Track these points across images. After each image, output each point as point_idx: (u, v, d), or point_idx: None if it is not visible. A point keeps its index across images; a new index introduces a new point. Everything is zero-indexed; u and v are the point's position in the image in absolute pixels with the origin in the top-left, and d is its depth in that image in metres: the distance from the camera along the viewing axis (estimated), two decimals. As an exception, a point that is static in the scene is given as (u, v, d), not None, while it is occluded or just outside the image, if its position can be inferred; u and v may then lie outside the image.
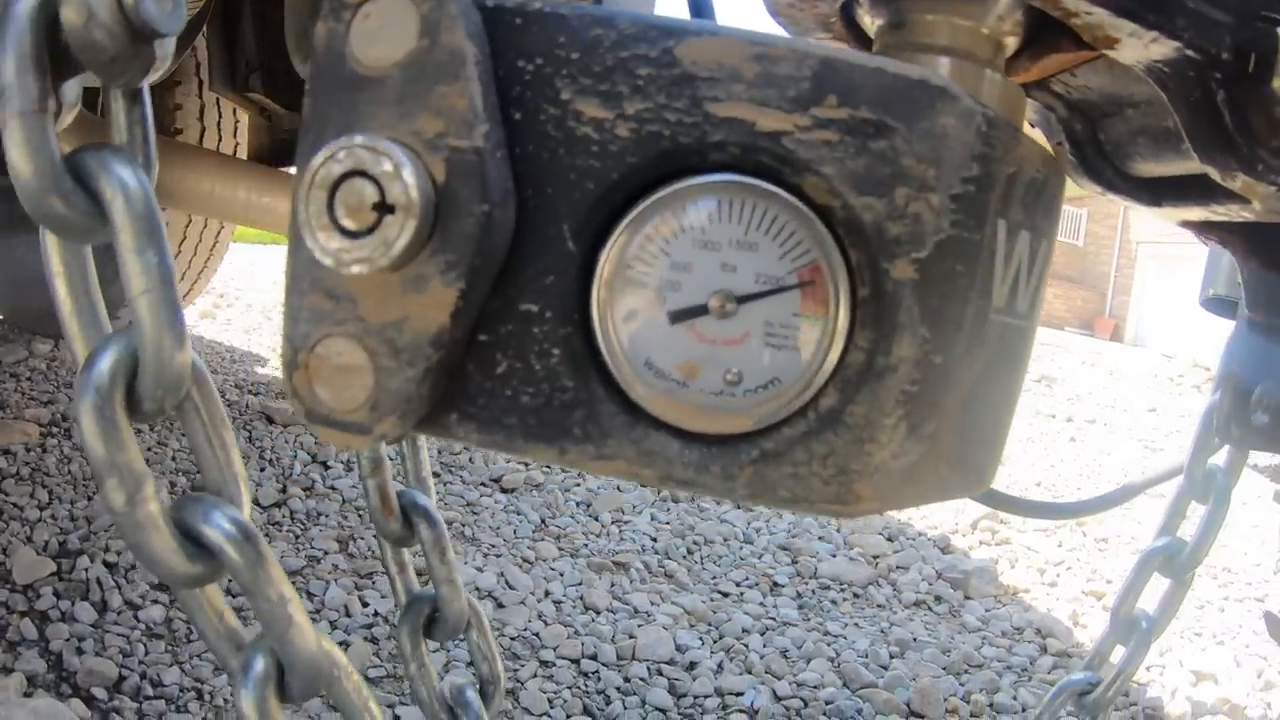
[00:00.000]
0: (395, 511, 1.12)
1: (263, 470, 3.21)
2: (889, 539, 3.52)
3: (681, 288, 0.60)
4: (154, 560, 0.64)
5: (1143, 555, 1.66)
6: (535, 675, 2.29)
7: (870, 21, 0.84)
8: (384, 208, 0.58)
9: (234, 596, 1.73)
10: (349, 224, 0.58)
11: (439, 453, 3.65)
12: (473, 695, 1.20)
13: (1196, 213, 1.07)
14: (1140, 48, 0.75)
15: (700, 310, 0.59)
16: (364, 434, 0.63)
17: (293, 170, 3.01)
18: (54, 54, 0.60)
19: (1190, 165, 0.93)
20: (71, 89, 0.64)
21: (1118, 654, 1.69)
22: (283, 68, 2.64)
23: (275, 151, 3.11)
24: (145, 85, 0.68)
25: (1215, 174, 0.83)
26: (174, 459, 3.14)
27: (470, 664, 2.11)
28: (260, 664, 0.69)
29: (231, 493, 0.71)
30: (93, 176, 0.62)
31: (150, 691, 1.99)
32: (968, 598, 3.12)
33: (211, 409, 0.70)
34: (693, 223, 0.59)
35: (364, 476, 1.10)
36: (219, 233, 4.17)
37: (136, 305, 0.63)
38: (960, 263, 0.60)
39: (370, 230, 0.58)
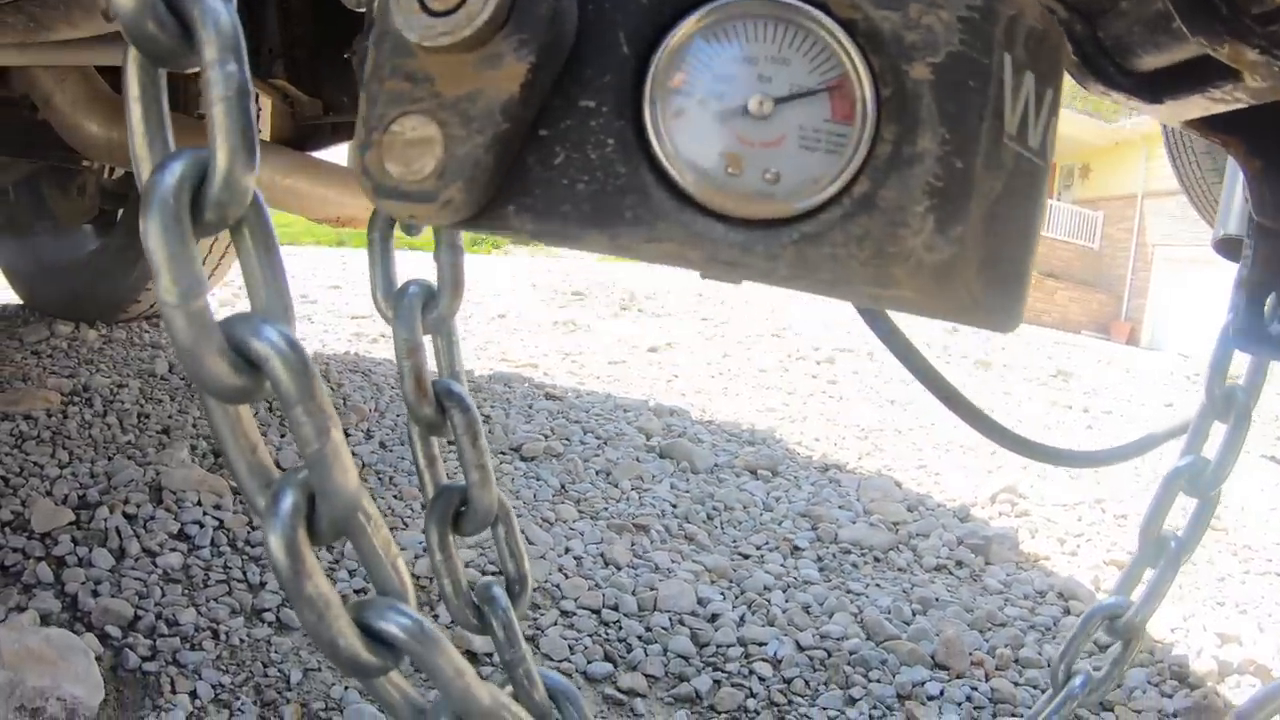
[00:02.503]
0: (429, 396, 1.11)
1: (283, 437, 3.22)
2: (909, 508, 3.51)
3: (723, 95, 0.66)
4: (199, 362, 0.64)
5: (1167, 474, 1.66)
6: (556, 623, 2.29)
7: None
8: None
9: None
10: (436, 5, 0.65)
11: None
12: (500, 592, 1.19)
13: (1196, 105, 1.11)
14: None
15: (741, 111, 0.66)
16: (429, 201, 0.68)
17: (315, 154, 3.04)
18: None
19: (1186, 49, 0.99)
20: None
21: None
22: (304, 55, 2.67)
23: (297, 136, 3.13)
24: None
25: (1205, 44, 0.90)
26: (195, 425, 3.14)
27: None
28: (290, 499, 0.68)
29: (279, 315, 0.71)
30: (185, 4, 0.65)
31: (165, 630, 1.99)
32: (989, 563, 3.11)
33: (266, 232, 0.71)
34: (732, 38, 0.66)
35: (400, 359, 1.10)
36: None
37: (212, 111, 0.65)
38: (972, 78, 0.66)
39: (455, 9, 0.65)
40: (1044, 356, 10.04)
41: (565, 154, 0.68)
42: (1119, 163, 24.13)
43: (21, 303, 4.76)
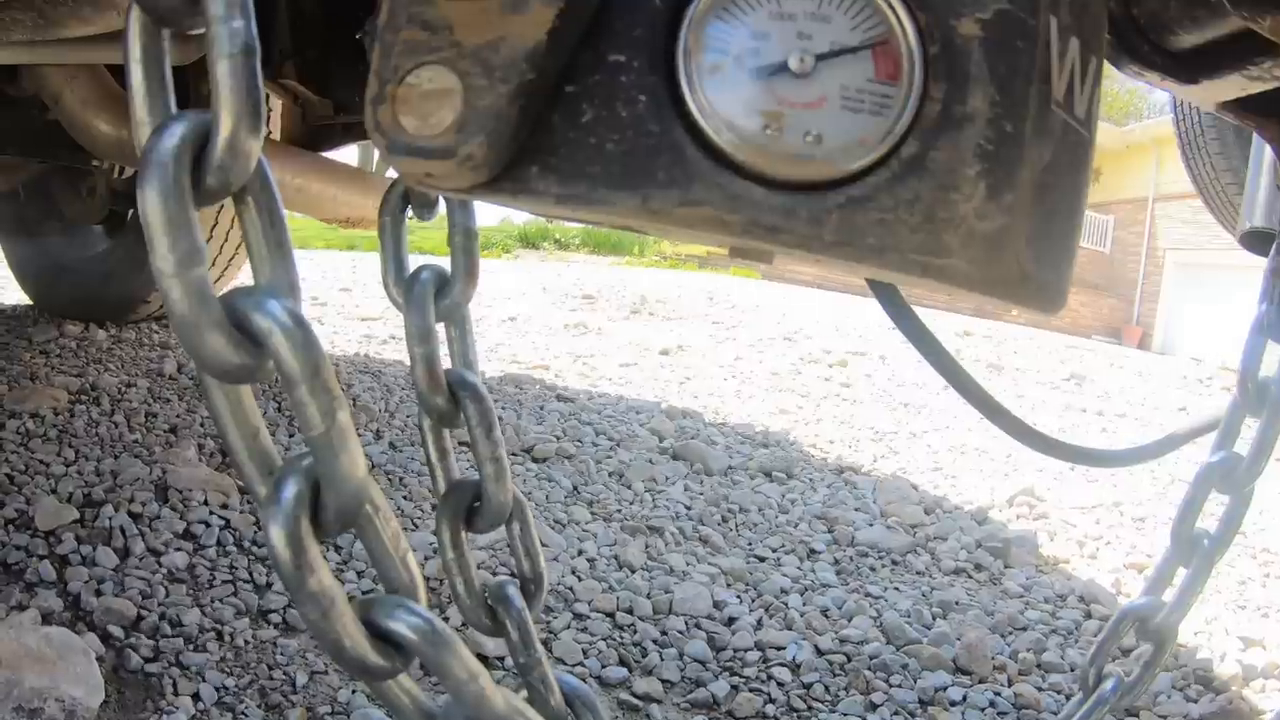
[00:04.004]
0: (442, 385, 1.07)
1: (291, 436, 3.18)
2: (926, 511, 3.46)
3: (761, 52, 0.62)
4: (196, 336, 0.60)
5: (1200, 471, 1.61)
6: (569, 626, 2.25)
7: None
8: None
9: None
10: None
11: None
12: (514, 592, 1.14)
13: (1233, 85, 1.09)
14: None
15: (781, 67, 0.61)
16: (447, 157, 0.63)
17: (326, 155, 3.01)
18: None
19: (1225, 25, 0.98)
20: None
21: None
22: (315, 55, 2.64)
23: (308, 137, 3.10)
24: None
25: (1247, 18, 0.87)
26: (202, 425, 3.10)
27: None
28: (293, 487, 0.63)
29: (285, 289, 0.67)
30: None
31: (168, 631, 1.94)
32: (1008, 566, 3.06)
33: (271, 202, 0.67)
34: None
35: (411, 346, 1.05)
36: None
37: (216, 70, 0.61)
38: (1019, 39, 0.63)
39: None
40: (1056, 360, 9.98)
41: (593, 111, 0.63)
42: (1130, 166, 24.06)
43: (30, 303, 4.74)
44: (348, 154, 3.26)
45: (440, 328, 1.11)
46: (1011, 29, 0.62)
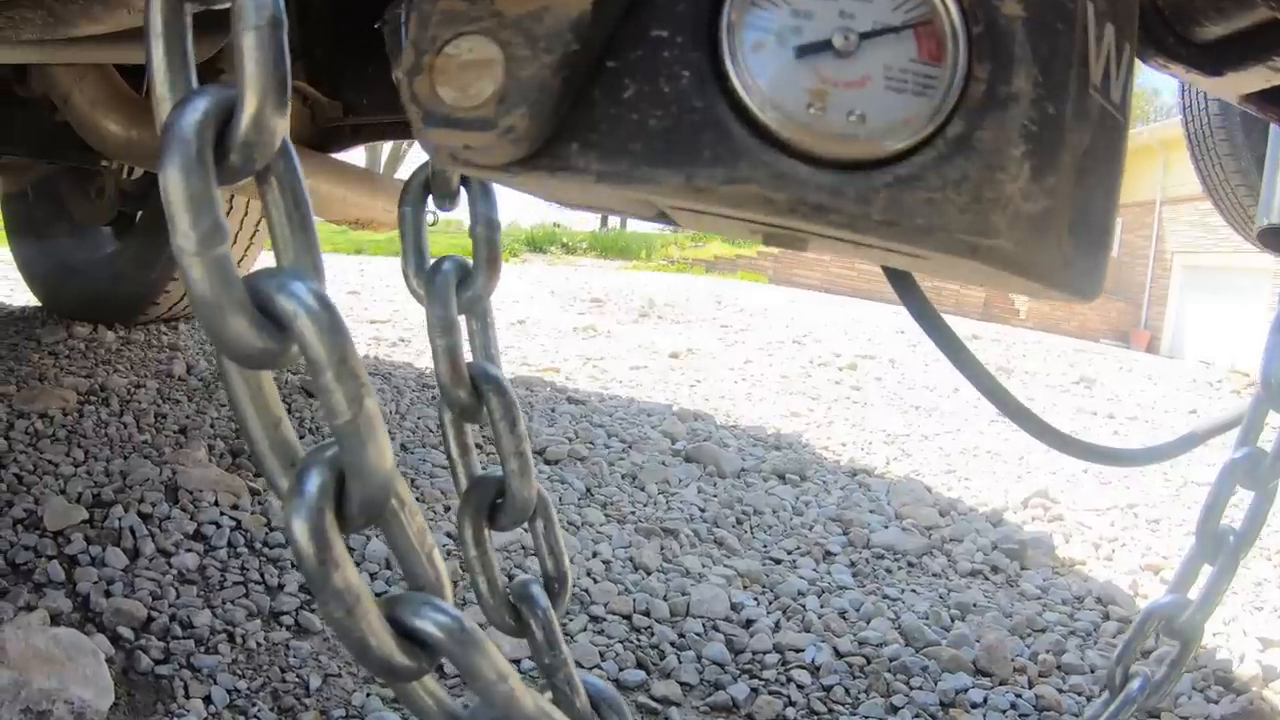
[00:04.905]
0: (464, 379, 1.04)
1: (302, 439, 3.15)
2: (940, 513, 3.44)
3: (804, 31, 0.61)
4: (217, 318, 0.57)
5: (1224, 467, 1.59)
6: (585, 629, 2.22)
7: None
8: None
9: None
10: None
11: (480, 427, 3.60)
12: (539, 591, 1.11)
13: (1258, 77, 1.08)
14: None
15: (824, 45, 0.60)
16: (487, 129, 0.61)
17: (336, 156, 2.99)
18: None
19: (1252, 15, 0.97)
20: None
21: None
22: (324, 56, 2.63)
23: (317, 138, 3.08)
24: None
25: (1273, 4, 0.88)
26: (212, 426, 3.08)
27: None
28: (317, 478, 0.60)
29: (309, 271, 0.65)
30: None
31: (179, 632, 1.92)
32: (1024, 568, 3.03)
33: (295, 181, 0.65)
34: None
35: (434, 338, 1.03)
36: (260, 222, 4.13)
37: (242, 42, 0.58)
38: (1060, 21, 0.62)
39: None
40: (1065, 364, 9.94)
41: (635, 87, 0.62)
42: (1137, 169, 23.99)
43: (40, 304, 4.72)
44: (355, 155, 3.25)
45: (461, 320, 1.08)
46: (1052, 11, 0.62)
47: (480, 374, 1.05)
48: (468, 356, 1.07)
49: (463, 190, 1.10)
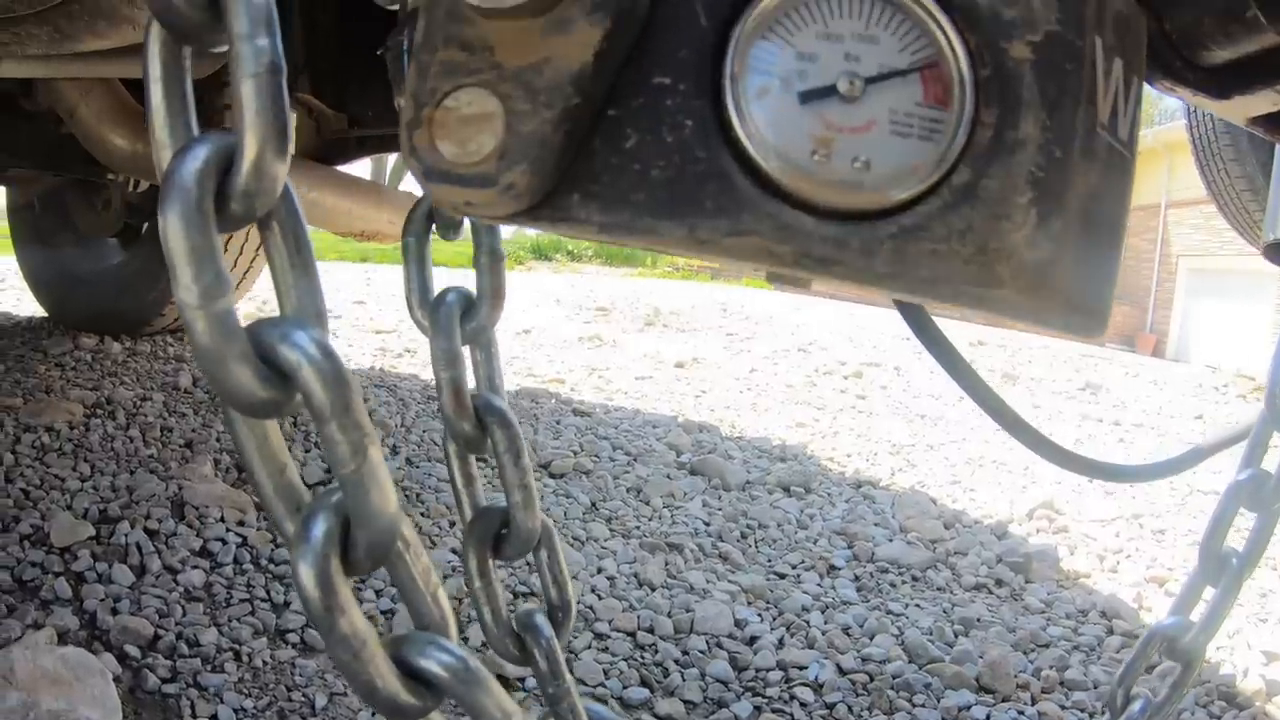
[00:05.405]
0: (469, 411, 1.05)
1: (308, 451, 3.16)
2: (945, 525, 3.44)
3: (808, 75, 0.60)
4: (221, 368, 0.57)
5: (1228, 489, 1.59)
6: (590, 646, 2.23)
7: None
8: None
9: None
10: None
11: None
12: (543, 621, 1.12)
13: (1265, 100, 1.07)
14: None
15: (829, 91, 0.59)
16: (488, 186, 0.60)
17: (340, 168, 3.01)
18: None
19: (1257, 40, 0.95)
20: None
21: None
22: (329, 69, 2.63)
23: (322, 150, 3.09)
24: None
25: None
26: (218, 440, 3.09)
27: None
28: (322, 526, 0.60)
29: (312, 319, 0.65)
30: None
31: (186, 651, 1.93)
32: (1029, 581, 3.03)
33: (297, 227, 0.65)
34: (817, 12, 0.60)
35: (438, 371, 1.03)
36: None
37: (241, 90, 0.58)
38: (1068, 60, 0.61)
39: None
40: (1071, 369, 9.94)
41: (637, 136, 0.61)
42: (1141, 173, 23.69)
43: (46, 315, 4.74)
44: (361, 167, 3.26)
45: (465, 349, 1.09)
46: (1060, 51, 0.60)
47: (484, 406, 1.06)
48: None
49: (466, 220, 1.11)
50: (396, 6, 1.34)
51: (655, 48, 0.62)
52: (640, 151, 0.61)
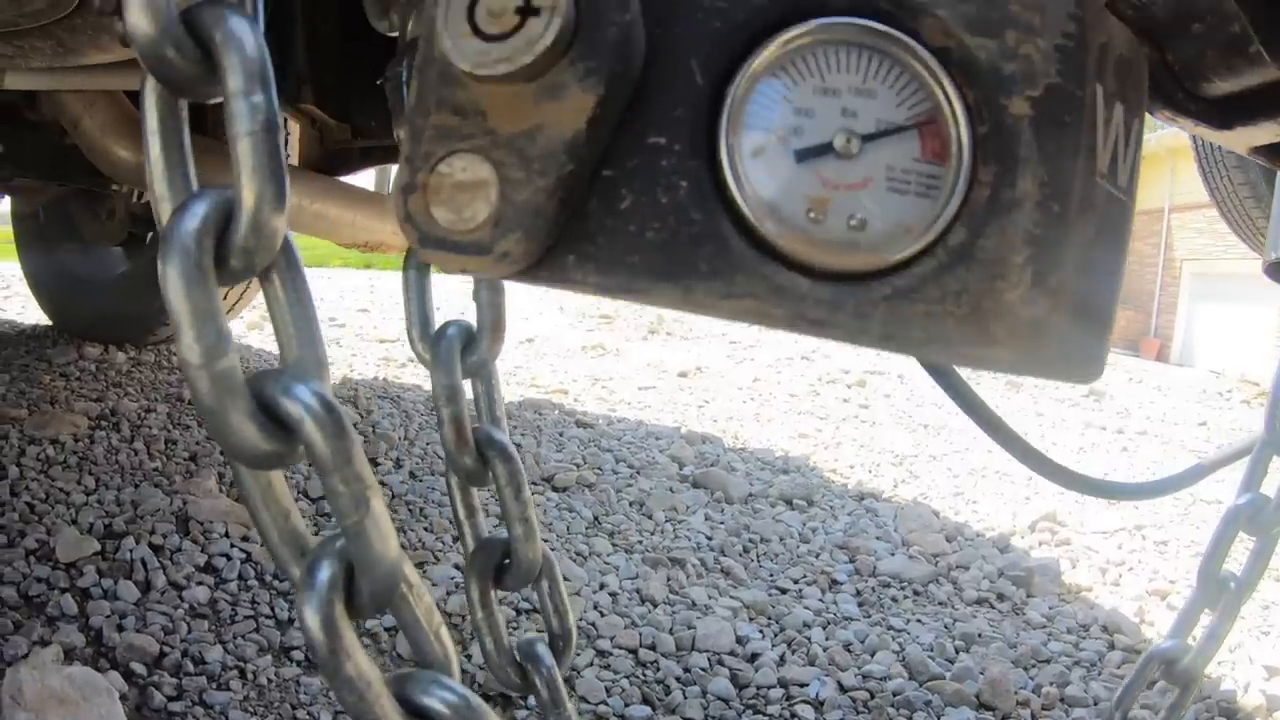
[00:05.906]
0: (470, 445, 1.06)
1: (310, 464, 3.16)
2: (947, 538, 3.44)
3: (804, 131, 0.59)
4: (225, 425, 0.59)
5: (1227, 512, 1.60)
6: (592, 664, 2.23)
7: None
8: (527, 10, 0.58)
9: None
10: (491, 28, 0.59)
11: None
12: (544, 650, 1.14)
13: (1267, 131, 1.08)
14: None
15: (826, 149, 0.59)
16: (483, 254, 0.61)
17: (344, 179, 3.01)
18: None
19: (1260, 74, 0.96)
20: None
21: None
22: (332, 79, 2.64)
23: (326, 161, 3.10)
24: None
25: None
26: (222, 453, 3.10)
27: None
28: (327, 571, 0.62)
29: (313, 371, 0.66)
30: (207, 29, 0.61)
31: (191, 669, 1.94)
32: (1030, 595, 3.04)
33: (297, 279, 0.66)
34: (814, 67, 0.60)
35: (439, 406, 1.04)
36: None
37: (237, 147, 0.60)
38: (1067, 113, 0.60)
39: (513, 33, 0.58)
40: (1075, 377, 9.92)
41: (632, 197, 0.61)
42: (1144, 177, 23.63)
43: (50, 324, 4.75)
44: (365, 178, 3.26)
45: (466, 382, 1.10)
46: (1060, 104, 0.60)
47: (485, 440, 1.07)
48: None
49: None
50: (397, 34, 1.36)
51: (650, 108, 0.62)
52: (635, 213, 0.61)
